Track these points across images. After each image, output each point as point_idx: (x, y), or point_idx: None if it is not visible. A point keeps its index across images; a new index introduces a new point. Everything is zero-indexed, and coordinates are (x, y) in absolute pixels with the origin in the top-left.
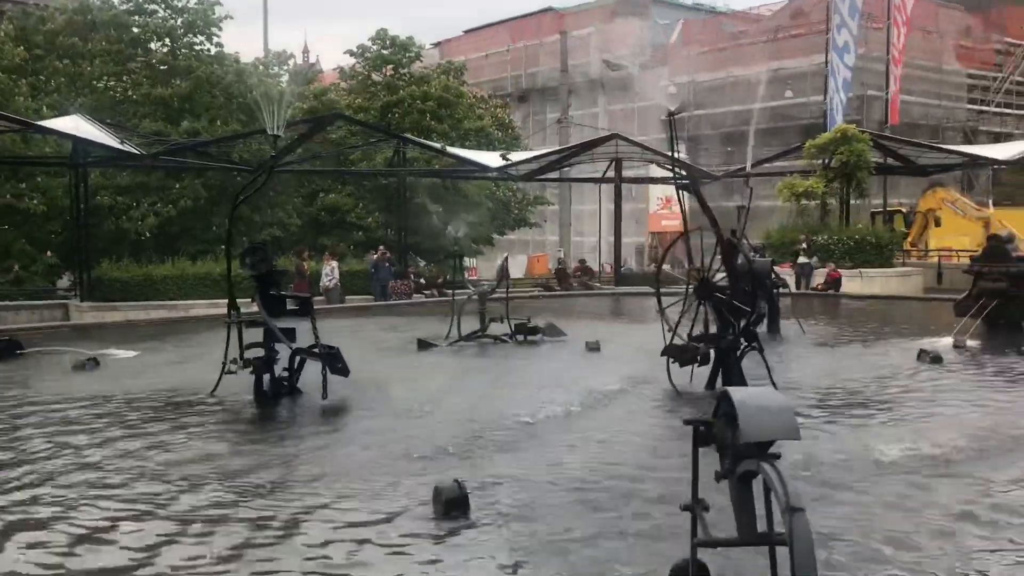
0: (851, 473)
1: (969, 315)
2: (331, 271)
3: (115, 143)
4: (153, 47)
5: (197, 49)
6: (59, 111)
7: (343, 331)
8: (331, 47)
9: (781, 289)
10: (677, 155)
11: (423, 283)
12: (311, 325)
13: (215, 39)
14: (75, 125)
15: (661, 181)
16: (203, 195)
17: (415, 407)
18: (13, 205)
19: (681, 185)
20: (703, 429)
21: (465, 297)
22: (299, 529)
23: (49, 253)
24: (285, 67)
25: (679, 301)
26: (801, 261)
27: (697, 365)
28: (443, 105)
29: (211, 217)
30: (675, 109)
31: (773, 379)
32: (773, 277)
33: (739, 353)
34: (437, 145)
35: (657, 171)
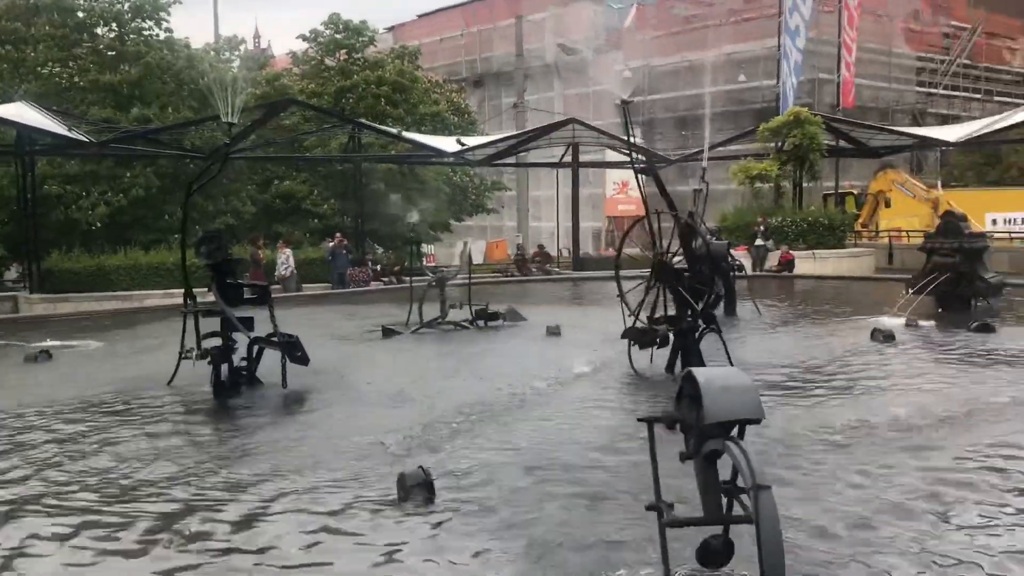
0: (808, 451)
1: (917, 290)
2: (286, 259)
3: (62, 131)
4: (100, 32)
5: (146, 34)
6: (2, 98)
7: (301, 319)
8: (283, 32)
9: (737, 271)
10: (633, 139)
11: (381, 270)
12: (269, 314)
13: (164, 24)
14: (19, 112)
15: (618, 166)
16: (155, 184)
17: (376, 394)
18: None
19: (640, 169)
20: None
21: (425, 284)
22: (259, 519)
23: None
24: (236, 52)
25: (639, 285)
26: (757, 244)
27: (657, 347)
28: (398, 90)
29: (164, 206)
30: (627, 97)
31: (731, 360)
32: (729, 260)
33: (698, 335)
34: (393, 130)
35: (614, 155)
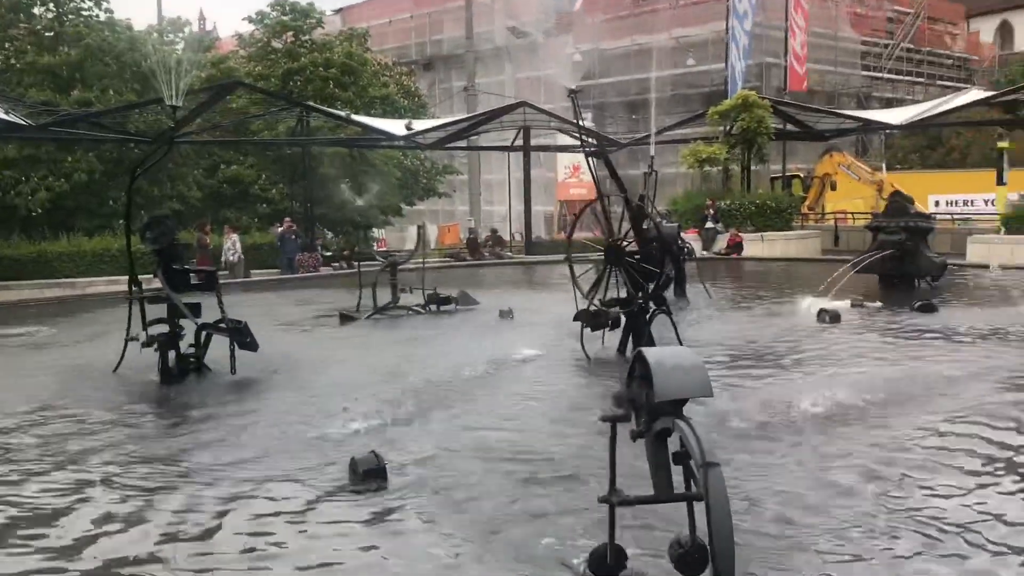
0: (757, 429)
1: (860, 265)
2: (233, 244)
3: None
4: (37, 12)
5: (85, 15)
6: None
7: (250, 305)
8: (229, 14)
9: (687, 254)
10: (583, 122)
11: (331, 255)
12: (217, 299)
13: (104, 5)
14: None
15: (570, 149)
16: (98, 168)
17: (326, 380)
18: None
19: (591, 153)
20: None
21: (378, 268)
22: (208, 507)
23: None
24: (181, 34)
25: (592, 268)
26: (707, 226)
27: (608, 329)
28: (347, 72)
29: (107, 191)
30: (575, 87)
31: (681, 341)
32: (680, 242)
33: (649, 317)
34: (342, 113)
35: (565, 139)
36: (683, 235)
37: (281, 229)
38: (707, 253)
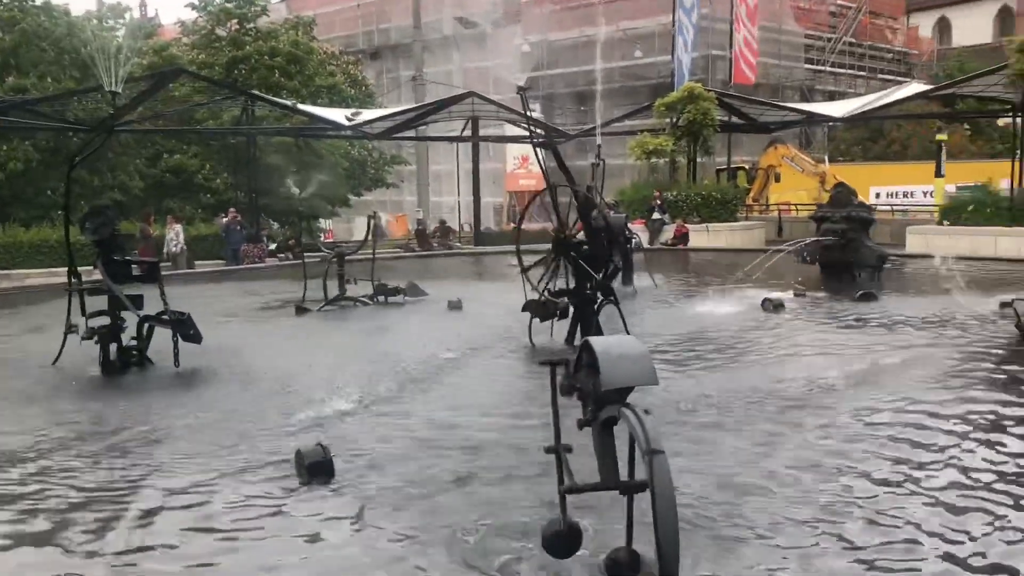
0: (703, 417)
1: (804, 254)
2: (175, 235)
3: None
4: None
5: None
6: None
7: (194, 297)
8: (171, 0)
9: (634, 245)
10: (531, 114)
11: (277, 246)
12: (159, 291)
13: None
14: None
15: (518, 140)
16: (35, 157)
17: (271, 373)
18: None
19: (539, 144)
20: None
21: (322, 259)
22: (145, 503)
23: None
24: (121, 20)
25: (540, 260)
26: (654, 217)
27: (556, 319)
28: (292, 61)
29: (45, 181)
30: (525, 85)
31: (628, 331)
32: (627, 233)
33: (596, 307)
34: (287, 102)
35: (514, 130)
36: (630, 226)
37: (226, 220)
38: (654, 244)
